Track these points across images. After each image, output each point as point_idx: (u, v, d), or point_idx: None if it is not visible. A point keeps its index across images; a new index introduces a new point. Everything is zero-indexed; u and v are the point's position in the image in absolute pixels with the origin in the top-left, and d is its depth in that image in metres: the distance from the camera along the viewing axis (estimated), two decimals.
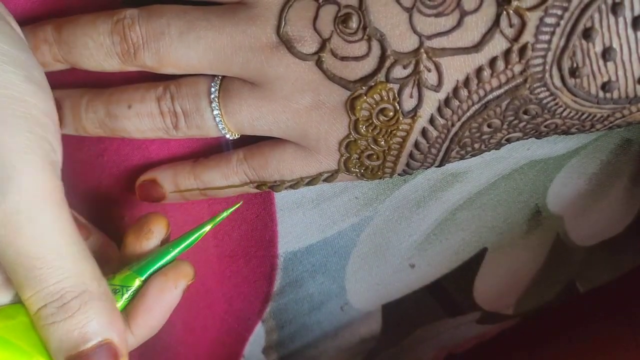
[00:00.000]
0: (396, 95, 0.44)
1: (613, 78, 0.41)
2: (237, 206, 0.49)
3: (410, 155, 0.47)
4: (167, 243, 0.49)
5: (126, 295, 0.46)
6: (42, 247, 0.41)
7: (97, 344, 0.43)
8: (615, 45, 0.40)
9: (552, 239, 0.64)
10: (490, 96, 0.43)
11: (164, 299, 0.47)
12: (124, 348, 0.44)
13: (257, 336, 0.63)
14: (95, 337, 0.43)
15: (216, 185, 0.51)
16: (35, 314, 0.43)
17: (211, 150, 0.53)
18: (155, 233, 0.49)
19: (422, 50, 0.43)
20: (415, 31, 0.42)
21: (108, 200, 0.54)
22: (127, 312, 0.46)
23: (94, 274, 0.44)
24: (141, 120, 0.48)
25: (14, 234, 0.41)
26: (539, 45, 0.41)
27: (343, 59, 0.44)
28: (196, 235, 0.48)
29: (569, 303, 0.71)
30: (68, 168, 0.50)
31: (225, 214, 0.49)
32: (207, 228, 0.48)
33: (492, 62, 0.42)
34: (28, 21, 0.49)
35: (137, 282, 0.47)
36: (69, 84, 0.51)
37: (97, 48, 0.47)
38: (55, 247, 0.42)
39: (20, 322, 0.44)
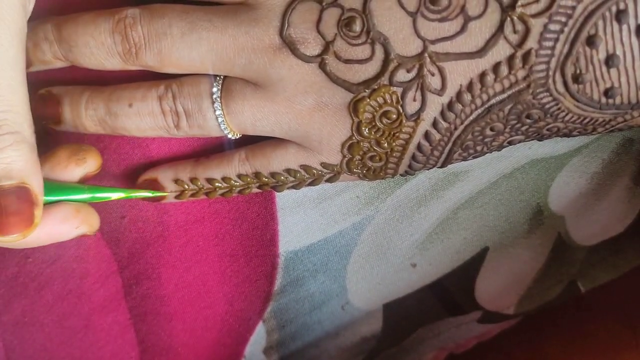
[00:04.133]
0: (399, 98, 0.44)
1: (616, 84, 0.42)
2: (161, 194, 0.51)
3: (413, 157, 0.47)
4: (85, 182, 0.49)
5: None
6: None
7: (17, 184, 0.42)
8: (619, 52, 0.40)
9: (554, 238, 0.64)
10: (493, 101, 0.43)
11: (59, 228, 0.47)
12: (41, 200, 0.43)
13: (258, 336, 0.63)
14: (17, 177, 0.42)
15: (217, 185, 0.51)
16: None
17: (212, 149, 0.53)
18: (87, 164, 0.48)
19: (426, 54, 0.43)
20: (419, 35, 0.42)
21: (109, 201, 0.54)
22: None
23: (31, 124, 0.43)
24: (142, 119, 0.48)
25: None
26: (542, 52, 0.41)
27: (346, 61, 0.44)
28: (109, 195, 0.49)
29: (570, 302, 0.71)
30: None
31: (145, 194, 0.50)
32: (121, 195, 0.49)
33: (496, 67, 0.42)
34: (29, 19, 0.48)
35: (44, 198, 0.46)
36: (69, 82, 0.51)
37: (98, 47, 0.46)
38: (9, 78, 0.41)
39: None
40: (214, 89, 0.47)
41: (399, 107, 0.44)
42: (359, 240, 0.59)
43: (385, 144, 0.46)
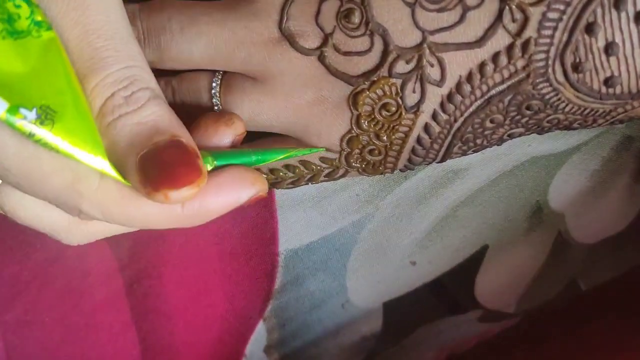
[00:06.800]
0: (399, 90, 0.44)
1: (616, 73, 0.42)
2: (320, 150, 0.48)
3: (412, 151, 0.47)
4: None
5: None
6: (112, 27, 0.40)
7: (170, 138, 0.39)
8: (618, 40, 0.41)
9: (554, 236, 0.64)
10: (493, 91, 0.43)
11: (237, 187, 0.43)
12: (198, 152, 0.40)
13: (259, 335, 0.63)
14: (167, 132, 0.40)
15: None
16: (100, 109, 0.40)
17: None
18: (236, 125, 0.46)
19: (425, 45, 0.43)
20: (417, 26, 0.42)
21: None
22: None
23: (155, 80, 0.42)
24: None
25: (82, 10, 0.39)
26: (541, 40, 0.41)
27: (345, 54, 0.44)
28: (273, 155, 0.46)
29: (571, 301, 0.71)
30: None
31: (304, 151, 0.48)
32: (284, 154, 0.47)
33: (495, 57, 0.42)
34: None
35: (210, 163, 0.43)
36: None
37: None
38: (124, 31, 0.40)
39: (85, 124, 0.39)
40: (213, 84, 0.47)
41: (399, 99, 0.44)
42: (359, 238, 0.59)
43: (385, 137, 0.46)
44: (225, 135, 0.45)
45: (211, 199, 0.42)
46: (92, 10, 0.39)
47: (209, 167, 0.43)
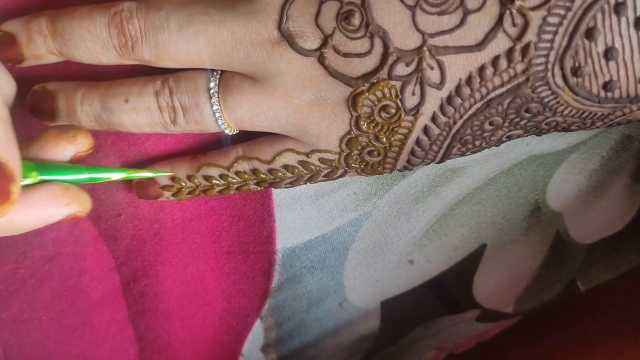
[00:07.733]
0: (398, 92, 0.44)
1: (615, 77, 0.42)
2: (164, 174, 0.50)
3: (411, 152, 0.47)
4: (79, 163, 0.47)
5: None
6: None
7: None
8: (618, 45, 0.40)
9: (552, 235, 0.64)
10: (492, 94, 0.43)
11: (48, 207, 0.44)
12: (17, 176, 0.40)
13: (256, 334, 0.63)
14: None
15: (215, 182, 0.50)
16: None
17: (208, 145, 0.52)
18: (79, 142, 0.46)
19: (425, 48, 0.43)
20: (418, 29, 0.42)
21: (104, 198, 0.54)
22: None
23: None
24: (138, 114, 0.48)
25: None
26: (541, 45, 0.41)
27: (345, 55, 0.44)
28: (109, 175, 0.48)
29: (570, 302, 0.71)
30: None
31: (147, 174, 0.50)
32: (122, 175, 0.48)
33: (495, 60, 0.42)
34: (22, 12, 0.48)
35: (33, 177, 0.44)
36: (64, 76, 0.50)
37: (93, 41, 0.46)
38: None
39: None
40: (211, 84, 0.47)
41: (398, 102, 0.44)
42: (357, 236, 0.59)
43: (384, 139, 0.46)
44: (65, 150, 0.46)
45: (19, 215, 0.43)
46: None
47: (31, 181, 0.43)
